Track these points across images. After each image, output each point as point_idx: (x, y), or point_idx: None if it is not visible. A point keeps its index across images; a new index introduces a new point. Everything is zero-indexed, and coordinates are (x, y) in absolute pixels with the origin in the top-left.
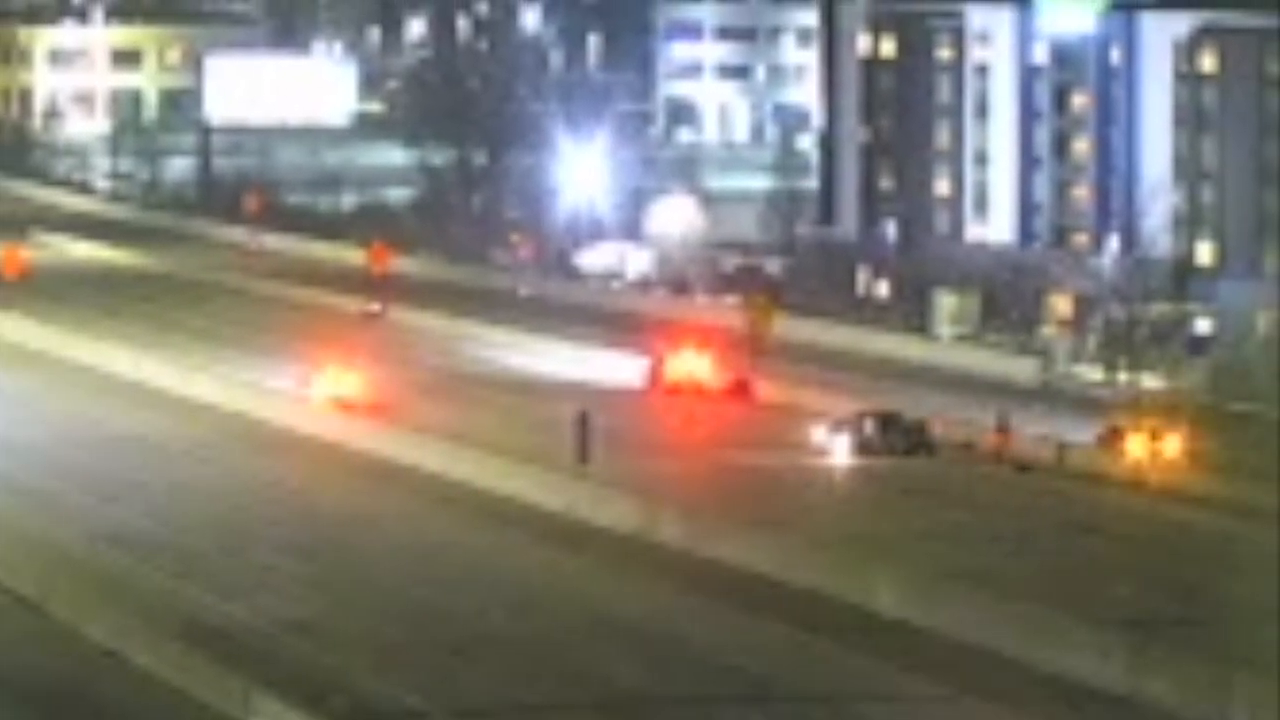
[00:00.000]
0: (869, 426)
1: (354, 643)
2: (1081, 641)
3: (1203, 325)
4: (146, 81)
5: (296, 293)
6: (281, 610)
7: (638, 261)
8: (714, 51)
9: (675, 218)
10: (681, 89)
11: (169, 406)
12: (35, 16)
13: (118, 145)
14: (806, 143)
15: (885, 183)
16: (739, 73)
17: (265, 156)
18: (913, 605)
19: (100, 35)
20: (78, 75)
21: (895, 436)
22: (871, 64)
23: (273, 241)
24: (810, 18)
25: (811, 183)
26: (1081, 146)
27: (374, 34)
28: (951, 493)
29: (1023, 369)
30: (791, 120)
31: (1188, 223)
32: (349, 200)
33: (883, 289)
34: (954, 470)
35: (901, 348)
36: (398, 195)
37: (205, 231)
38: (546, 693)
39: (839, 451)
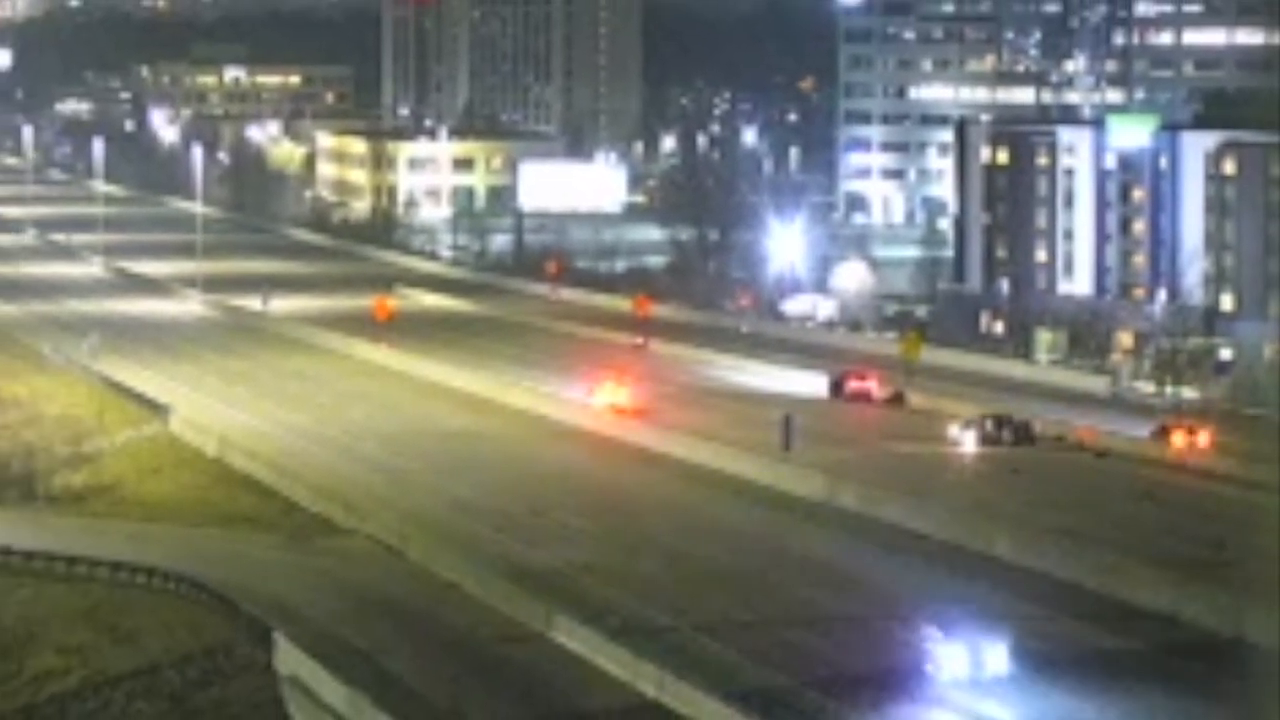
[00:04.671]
0: (989, 425)
1: (624, 579)
2: (1139, 577)
3: (1225, 353)
4: (477, 180)
5: (583, 330)
6: (573, 555)
7: (825, 308)
8: (879, 159)
9: (852, 277)
10: (856, 186)
11: (491, 410)
12: (400, 135)
13: (456, 226)
14: (945, 224)
15: (1000, 252)
16: (897, 174)
17: (561, 234)
18: (1021, 552)
19: (445, 148)
20: (428, 176)
21: (1007, 432)
22: (990, 168)
23: (566, 294)
24: (947, 135)
25: (948, 252)
26: (1139, 226)
27: (639, 147)
28: (1048, 472)
29: (1097, 385)
30: (934, 208)
31: (1215, 280)
32: (620, 265)
33: (999, 327)
34: (1050, 456)
35: (1011, 369)
36: (655, 261)
37: (518, 287)
38: (761, 613)
39: (967, 443)
